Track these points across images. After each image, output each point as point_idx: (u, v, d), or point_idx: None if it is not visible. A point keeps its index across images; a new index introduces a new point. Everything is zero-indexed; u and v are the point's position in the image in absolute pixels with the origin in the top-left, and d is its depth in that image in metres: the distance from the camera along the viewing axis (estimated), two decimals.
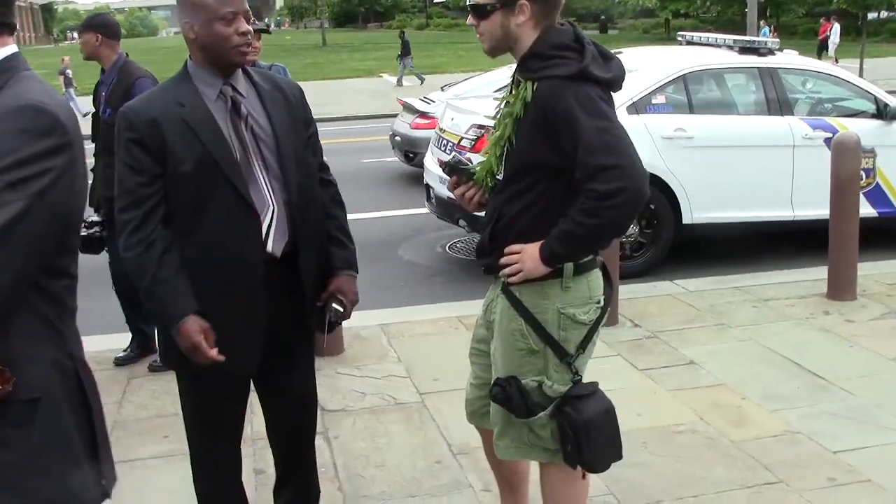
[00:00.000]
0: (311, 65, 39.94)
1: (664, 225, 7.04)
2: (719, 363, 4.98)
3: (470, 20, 2.75)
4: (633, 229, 6.95)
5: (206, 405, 2.94)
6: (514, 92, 2.73)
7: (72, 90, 24.63)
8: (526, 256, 2.68)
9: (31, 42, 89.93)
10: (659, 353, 5.17)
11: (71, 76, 25.47)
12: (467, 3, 2.74)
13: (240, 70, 2.81)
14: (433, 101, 11.63)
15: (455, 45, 49.50)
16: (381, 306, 6.34)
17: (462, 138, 7.27)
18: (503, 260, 2.74)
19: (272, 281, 2.79)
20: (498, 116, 2.81)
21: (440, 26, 77.73)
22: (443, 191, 6.85)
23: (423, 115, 11.47)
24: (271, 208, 2.76)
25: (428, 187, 7.88)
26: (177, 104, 2.70)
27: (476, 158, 3.11)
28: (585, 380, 2.78)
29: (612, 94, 2.67)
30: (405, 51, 30.67)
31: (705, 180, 7.00)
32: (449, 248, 8.38)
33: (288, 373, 3.01)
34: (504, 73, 8.99)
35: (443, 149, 7.51)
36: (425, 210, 8.44)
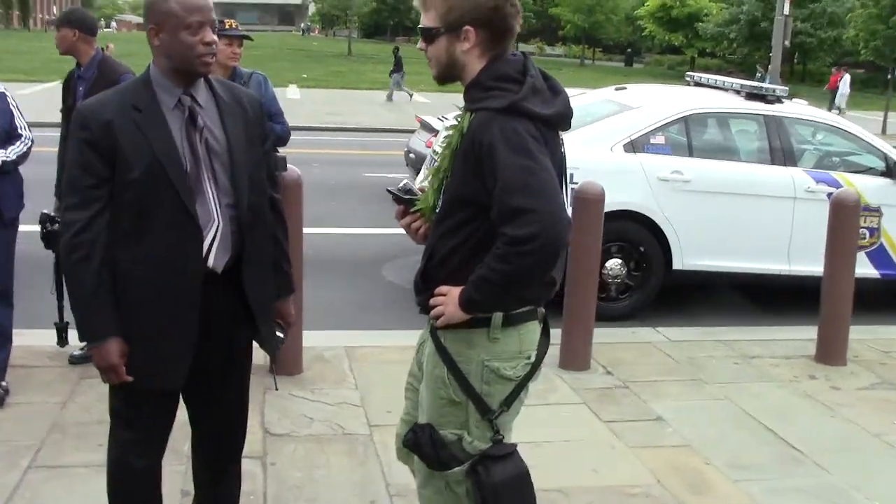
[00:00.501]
0: (333, 73, 39.90)
1: (653, 269, 6.80)
2: (688, 421, 4.72)
3: (420, 44, 2.61)
4: (620, 270, 6.73)
5: (129, 413, 2.84)
6: (457, 122, 2.59)
7: None
8: (449, 300, 2.53)
9: None
10: (626, 405, 4.92)
11: None
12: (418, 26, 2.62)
13: (202, 80, 2.75)
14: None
15: None
16: (354, 327, 6.13)
17: None
18: (431, 301, 2.59)
19: (211, 296, 2.73)
20: (441, 147, 2.67)
21: None
22: None
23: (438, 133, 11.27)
24: (216, 223, 2.71)
25: None
26: (133, 108, 2.67)
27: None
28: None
29: (557, 132, 2.55)
30: (397, 67, 30.88)
31: (700, 226, 6.76)
32: None
33: (219, 389, 2.94)
34: None
35: None
36: None
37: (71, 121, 2.75)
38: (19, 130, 4.46)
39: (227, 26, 4.83)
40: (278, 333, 2.99)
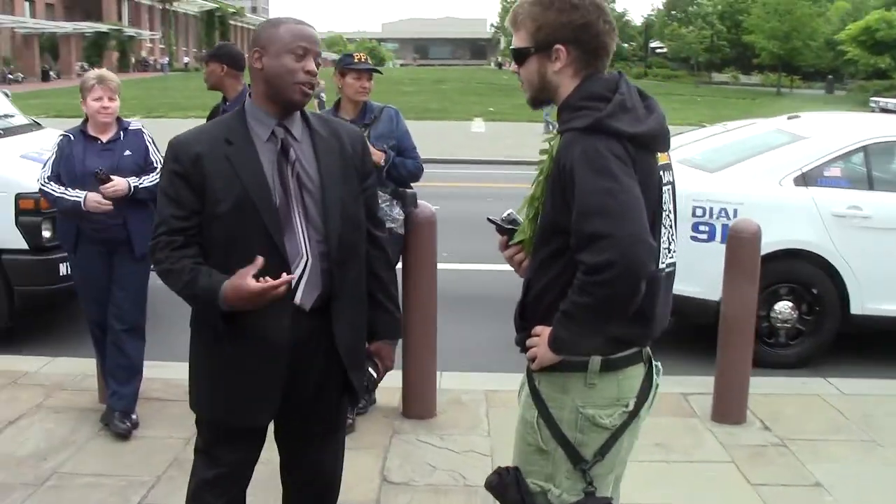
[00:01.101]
0: (521, 106, 39.81)
1: (828, 313, 6.19)
2: (854, 491, 4.18)
3: (512, 66, 2.49)
4: (791, 314, 6.17)
5: (213, 450, 2.80)
6: (549, 146, 2.42)
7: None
8: (542, 340, 2.37)
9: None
10: (781, 466, 4.42)
11: (325, 99, 26.25)
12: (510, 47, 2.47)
13: (298, 113, 2.72)
14: None
15: (669, 96, 48.41)
16: (499, 370, 5.89)
17: None
18: (528, 342, 2.44)
19: (301, 333, 2.67)
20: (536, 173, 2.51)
21: (658, 76, 76.54)
22: None
23: None
24: (304, 258, 2.65)
25: None
26: (224, 141, 2.63)
27: None
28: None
29: (652, 152, 2.37)
30: None
31: (882, 266, 6.10)
32: None
33: (310, 429, 2.86)
34: (716, 130, 8.14)
35: None
36: None
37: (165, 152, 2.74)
38: (154, 164, 4.54)
39: (356, 59, 4.73)
40: (371, 372, 2.87)
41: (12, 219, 5.93)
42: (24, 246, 5.96)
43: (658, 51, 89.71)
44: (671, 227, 2.47)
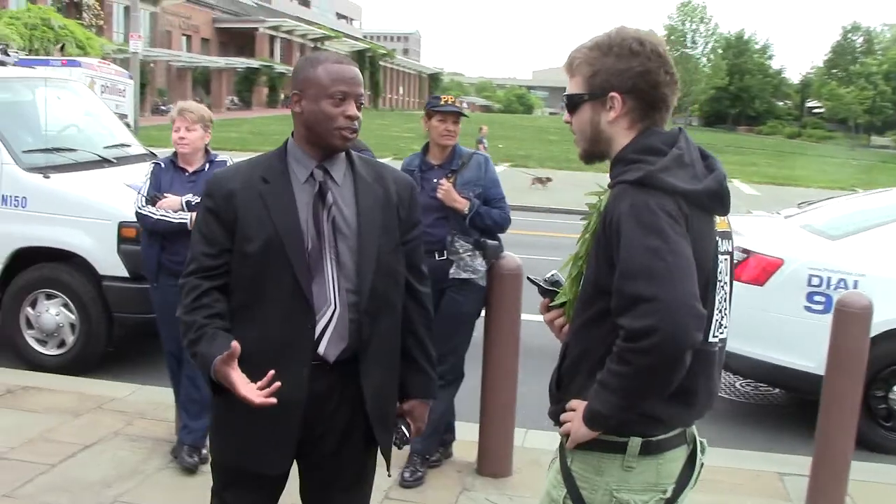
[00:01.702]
0: None
1: None
2: None
3: (565, 116, 2.33)
4: None
5: (228, 495, 2.73)
6: (597, 201, 2.29)
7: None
8: (576, 415, 2.19)
9: (413, 107, 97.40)
10: None
11: (486, 144, 25.96)
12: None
13: (343, 155, 2.61)
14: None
15: (822, 158, 46.78)
16: None
17: None
18: (562, 417, 2.28)
19: (321, 387, 2.56)
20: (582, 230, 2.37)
21: (813, 137, 74.10)
22: None
23: None
24: (332, 307, 2.54)
25: None
26: (261, 180, 2.56)
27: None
28: None
29: (710, 214, 2.21)
30: None
31: None
32: None
33: (332, 486, 2.74)
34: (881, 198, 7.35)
35: None
36: None
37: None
38: None
39: (443, 101, 4.64)
40: (403, 430, 2.76)
41: (114, 247, 6.10)
42: (125, 274, 6.11)
43: (815, 111, 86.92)
44: (725, 300, 2.28)
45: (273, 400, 2.33)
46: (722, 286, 2.24)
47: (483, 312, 4.77)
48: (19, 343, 6.42)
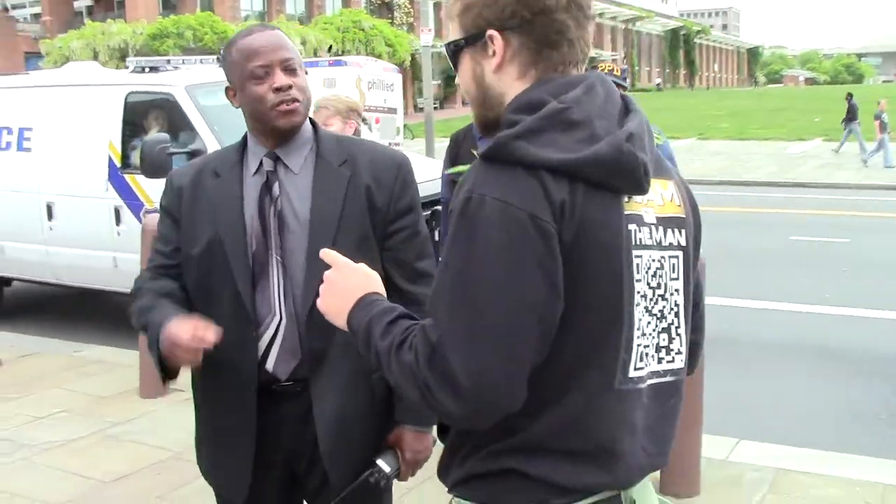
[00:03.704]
0: None
1: None
2: None
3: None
4: None
5: None
6: None
7: (885, 136, 23.67)
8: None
9: (730, 84, 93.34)
10: None
11: (887, 121, 24.01)
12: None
13: (305, 137, 2.26)
14: None
15: None
16: (802, 441, 4.86)
17: None
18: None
19: (277, 408, 2.23)
20: None
21: None
22: None
23: None
24: (277, 318, 2.19)
25: None
26: (213, 174, 2.27)
27: None
28: None
29: (615, 192, 1.49)
30: (850, 115, 26.22)
31: None
32: None
33: None
34: None
35: None
36: None
37: None
38: None
39: (599, 69, 4.09)
40: (382, 463, 2.23)
41: None
42: None
43: None
44: (673, 314, 1.61)
45: (208, 340, 2.02)
46: (657, 297, 1.57)
47: None
48: None
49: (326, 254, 1.72)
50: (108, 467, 4.56)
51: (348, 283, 1.64)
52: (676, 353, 1.63)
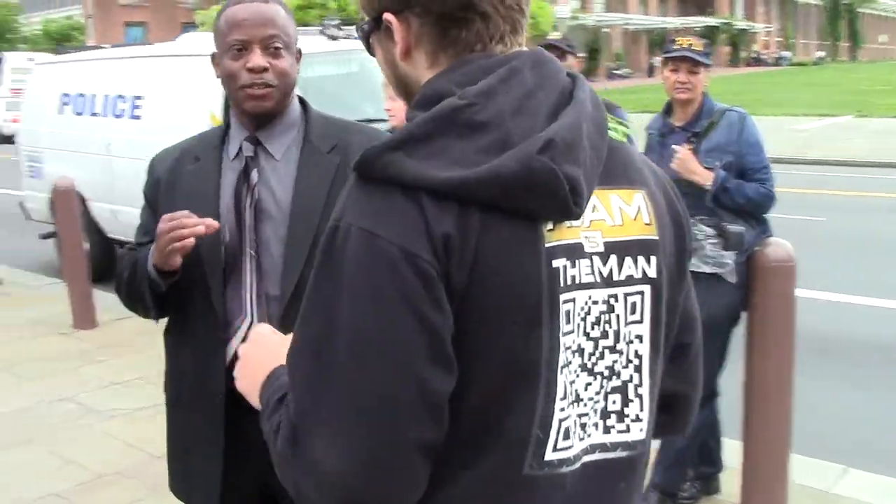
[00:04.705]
0: None
1: None
2: None
3: None
4: None
5: None
6: None
7: None
8: None
9: None
10: None
11: None
12: None
13: (291, 119, 2.09)
14: None
15: None
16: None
17: None
18: None
19: (250, 416, 1.93)
20: None
21: None
22: None
23: None
24: (248, 320, 2.00)
25: None
26: (193, 158, 2.10)
27: None
28: None
29: (530, 218, 1.13)
30: None
31: None
32: None
33: None
34: None
35: None
36: None
37: None
38: None
39: (676, 45, 3.65)
40: None
41: None
42: None
43: None
44: (632, 368, 1.26)
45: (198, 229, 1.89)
46: (601, 350, 1.23)
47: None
48: None
49: (255, 329, 1.49)
50: (162, 441, 4.50)
51: (260, 358, 1.35)
52: (634, 421, 1.27)
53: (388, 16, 1.21)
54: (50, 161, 8.78)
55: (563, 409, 1.18)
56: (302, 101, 2.13)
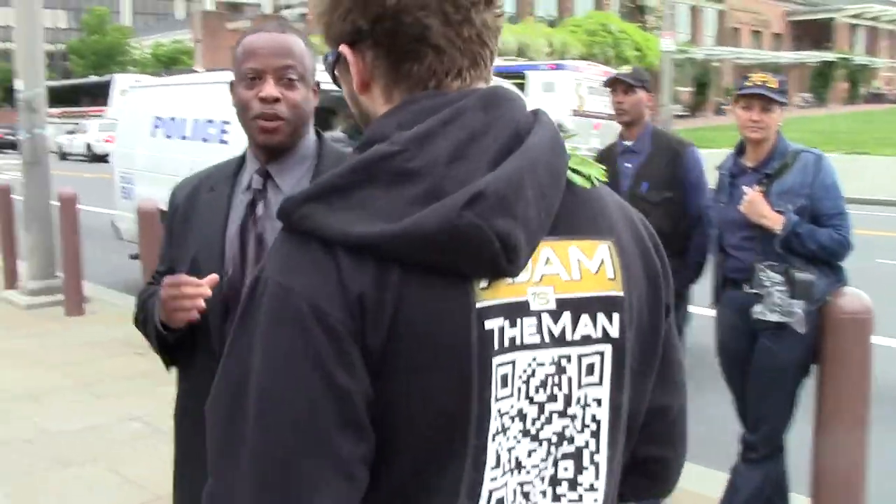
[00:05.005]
0: None
1: None
2: None
3: None
4: None
5: None
6: None
7: None
8: None
9: None
10: None
11: None
12: None
13: (305, 153, 2.03)
14: None
15: None
16: None
17: None
18: None
19: None
20: None
21: None
22: None
23: None
24: None
25: None
26: (209, 189, 2.08)
27: None
28: None
29: (461, 276, 1.03)
30: None
31: None
32: None
33: None
34: None
35: None
36: None
37: None
38: None
39: (749, 82, 3.46)
40: None
41: None
42: None
43: None
44: (588, 434, 1.15)
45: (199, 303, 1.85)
46: (548, 414, 1.11)
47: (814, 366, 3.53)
48: None
49: None
50: None
51: None
52: (588, 490, 1.16)
53: (343, 48, 1.13)
54: (141, 182, 8.99)
55: (494, 479, 1.07)
56: (318, 134, 2.09)
